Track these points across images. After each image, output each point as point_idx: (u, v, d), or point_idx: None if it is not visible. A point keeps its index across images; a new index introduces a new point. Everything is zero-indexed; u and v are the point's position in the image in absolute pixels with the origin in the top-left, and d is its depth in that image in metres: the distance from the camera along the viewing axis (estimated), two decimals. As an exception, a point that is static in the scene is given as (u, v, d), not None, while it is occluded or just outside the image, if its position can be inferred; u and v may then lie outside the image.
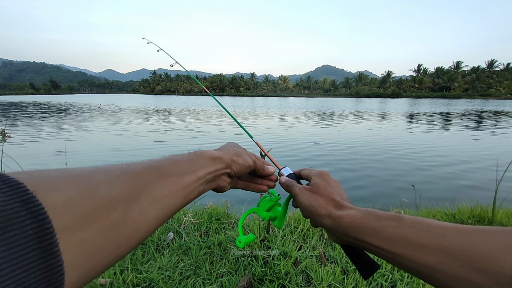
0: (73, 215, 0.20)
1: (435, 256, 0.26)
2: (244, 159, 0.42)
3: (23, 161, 4.74)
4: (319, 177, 0.43)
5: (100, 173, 0.25)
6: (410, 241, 0.28)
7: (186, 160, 0.35)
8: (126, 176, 0.26)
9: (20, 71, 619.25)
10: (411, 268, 0.29)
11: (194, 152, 0.38)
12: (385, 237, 0.30)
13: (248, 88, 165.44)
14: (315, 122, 13.61)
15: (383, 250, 0.30)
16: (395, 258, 0.30)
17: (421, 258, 0.27)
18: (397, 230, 0.30)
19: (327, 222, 0.37)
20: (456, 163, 5.41)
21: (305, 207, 0.40)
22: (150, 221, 0.27)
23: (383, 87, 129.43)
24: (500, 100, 70.80)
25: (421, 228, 0.29)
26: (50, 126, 11.07)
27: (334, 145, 7.23)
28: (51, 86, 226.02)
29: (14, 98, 68.06)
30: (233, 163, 0.40)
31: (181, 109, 24.12)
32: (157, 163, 0.31)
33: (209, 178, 0.36)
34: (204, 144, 7.43)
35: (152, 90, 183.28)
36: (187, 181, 0.33)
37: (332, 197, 0.39)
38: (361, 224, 0.33)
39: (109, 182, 0.24)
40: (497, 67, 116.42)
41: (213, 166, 0.37)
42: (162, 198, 0.29)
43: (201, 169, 0.35)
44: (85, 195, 0.22)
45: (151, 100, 51.40)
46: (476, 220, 2.19)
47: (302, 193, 0.41)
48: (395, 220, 0.31)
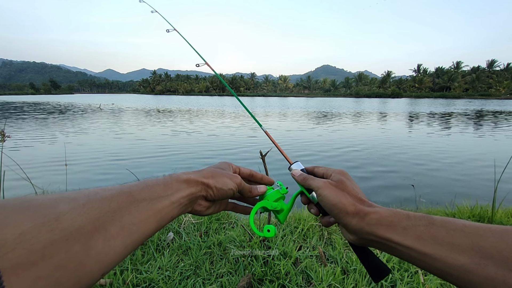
0: (26, 251, 0.19)
1: (470, 257, 0.25)
2: (223, 182, 0.40)
3: (24, 161, 4.75)
4: (342, 175, 0.42)
5: (64, 201, 0.24)
6: (442, 240, 0.27)
7: (161, 184, 0.34)
8: (93, 204, 0.25)
9: (20, 71, 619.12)
10: (441, 270, 0.27)
11: (169, 175, 0.37)
12: (416, 236, 0.29)
13: (248, 88, 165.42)
14: (316, 121, 13.61)
15: (412, 250, 0.29)
16: (424, 259, 0.28)
17: (454, 259, 0.26)
18: (428, 229, 0.29)
19: (354, 220, 0.35)
20: (456, 163, 5.41)
21: (333, 203, 0.37)
22: (117, 251, 0.26)
23: (383, 87, 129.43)
24: (500, 100, 70.80)
25: (454, 227, 0.27)
26: (49, 127, 11.07)
27: (333, 145, 7.23)
28: (51, 86, 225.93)
29: (14, 98, 68.00)
30: (208, 187, 0.39)
31: (184, 109, 24.11)
32: (129, 188, 0.30)
33: (184, 202, 0.35)
34: (207, 144, 7.43)
35: (152, 90, 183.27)
36: (159, 206, 0.32)
37: (359, 196, 0.38)
38: (391, 222, 0.32)
39: (72, 212, 0.23)
40: (497, 67, 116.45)
41: (187, 189, 0.36)
42: (131, 225, 0.28)
43: (175, 193, 0.34)
44: (42, 227, 0.21)
45: (151, 100, 51.38)
46: (476, 220, 2.19)
47: (328, 188, 0.39)
48: (425, 219, 0.30)
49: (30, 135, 8.64)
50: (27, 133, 9.04)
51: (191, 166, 5.13)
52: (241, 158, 5.80)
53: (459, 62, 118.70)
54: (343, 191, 0.38)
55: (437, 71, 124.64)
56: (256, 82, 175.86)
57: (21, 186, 3.49)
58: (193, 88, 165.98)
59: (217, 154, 6.16)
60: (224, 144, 7.44)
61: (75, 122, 12.76)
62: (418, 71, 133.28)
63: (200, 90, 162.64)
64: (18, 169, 2.61)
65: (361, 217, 0.34)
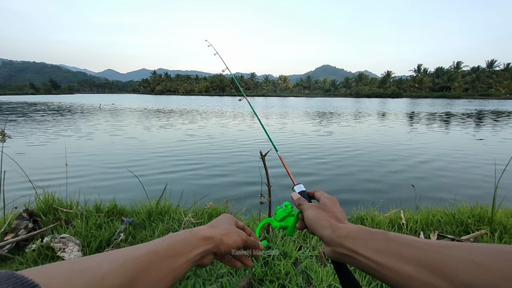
0: None
1: (413, 266, 0.30)
2: (233, 239, 0.46)
3: (24, 160, 4.75)
4: (329, 200, 0.50)
5: (107, 263, 0.29)
6: (394, 252, 0.32)
7: (182, 241, 0.38)
8: (129, 264, 0.30)
9: (20, 71, 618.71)
10: (392, 278, 0.32)
11: (189, 231, 0.41)
12: (374, 248, 0.34)
13: (248, 88, 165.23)
14: (318, 121, 13.61)
15: (370, 260, 0.34)
16: (379, 269, 0.33)
17: (401, 268, 0.31)
18: (385, 243, 0.34)
19: (327, 232, 0.42)
20: (456, 162, 5.42)
21: (311, 218, 0.46)
22: None
23: (383, 87, 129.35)
24: (500, 100, 70.80)
25: (405, 242, 0.32)
26: (49, 127, 11.07)
27: (333, 145, 7.23)
28: (51, 86, 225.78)
29: (14, 98, 67.95)
30: (221, 243, 0.43)
31: (187, 109, 24.10)
32: (155, 247, 0.35)
33: (197, 258, 0.40)
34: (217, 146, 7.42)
35: (152, 90, 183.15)
36: (178, 263, 0.36)
37: (335, 214, 0.45)
38: (357, 235, 0.38)
39: (113, 272, 0.28)
40: (497, 67, 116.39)
41: (203, 246, 0.40)
42: (155, 282, 0.32)
43: (193, 250, 0.39)
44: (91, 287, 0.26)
45: (151, 100, 51.36)
46: (476, 220, 2.19)
47: (311, 208, 0.48)
48: (383, 234, 0.35)
49: (30, 135, 8.64)
50: (27, 133, 9.04)
51: (192, 167, 5.13)
52: (248, 160, 5.80)
53: (459, 62, 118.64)
54: (324, 211, 0.46)
55: (437, 71, 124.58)
56: (256, 82, 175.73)
57: (21, 186, 3.49)
58: (193, 88, 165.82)
59: (219, 155, 6.16)
60: (226, 145, 7.44)
61: (75, 122, 12.75)
62: (418, 71, 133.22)
63: (200, 90, 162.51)
64: (18, 169, 2.61)
65: (333, 230, 0.41)
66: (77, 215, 2.15)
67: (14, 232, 1.86)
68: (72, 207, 2.41)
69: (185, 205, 2.56)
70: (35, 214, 2.11)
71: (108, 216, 2.23)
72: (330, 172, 4.79)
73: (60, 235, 1.78)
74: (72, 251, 1.70)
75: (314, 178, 4.46)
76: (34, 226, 1.99)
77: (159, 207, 2.33)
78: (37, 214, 2.19)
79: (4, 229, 1.91)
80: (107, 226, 2.03)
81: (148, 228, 2.05)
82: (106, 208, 2.38)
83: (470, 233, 2.05)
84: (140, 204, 2.48)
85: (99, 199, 2.50)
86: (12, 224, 1.93)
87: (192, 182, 4.28)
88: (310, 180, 4.38)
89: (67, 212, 2.27)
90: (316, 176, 4.60)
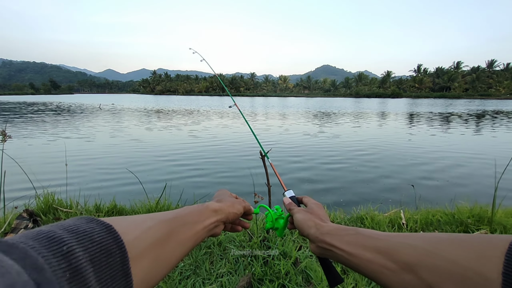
0: (138, 250, 0.30)
1: (372, 253, 0.37)
2: (237, 208, 0.54)
3: (24, 160, 4.75)
4: (315, 205, 0.58)
5: (149, 219, 0.36)
6: (360, 244, 0.39)
7: (197, 211, 0.46)
8: (163, 224, 0.37)
9: (20, 71, 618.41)
10: (359, 265, 0.39)
11: (202, 204, 0.49)
12: (346, 242, 0.42)
13: (248, 88, 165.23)
14: (319, 122, 13.61)
15: (344, 252, 0.41)
16: (351, 258, 0.40)
17: (364, 255, 0.38)
18: (355, 237, 0.41)
19: (312, 231, 0.49)
20: (456, 162, 5.42)
21: (299, 219, 0.54)
22: (177, 257, 0.38)
23: (383, 87, 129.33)
24: (500, 100, 70.79)
25: (369, 235, 0.40)
26: (49, 127, 11.07)
27: (332, 145, 7.23)
28: (50, 86, 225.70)
29: (14, 98, 67.93)
30: (229, 213, 0.51)
31: (187, 109, 24.10)
32: (178, 214, 0.42)
33: (211, 227, 0.47)
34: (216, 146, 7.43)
35: (152, 90, 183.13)
36: (197, 228, 0.43)
37: (320, 217, 0.53)
38: (334, 232, 0.45)
39: (154, 227, 0.35)
40: (497, 67, 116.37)
41: (215, 217, 0.48)
42: (183, 240, 0.39)
43: (207, 219, 0.46)
44: (142, 235, 0.32)
45: (151, 101, 51.37)
46: (476, 220, 2.19)
47: (299, 212, 0.56)
48: (354, 230, 0.43)
49: (30, 135, 8.64)
50: (27, 133, 9.04)
51: (192, 167, 5.13)
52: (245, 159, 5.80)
53: (459, 62, 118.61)
54: (311, 214, 0.54)
55: (437, 71, 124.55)
56: (256, 82, 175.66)
57: (21, 186, 3.49)
58: (193, 88, 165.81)
59: (219, 155, 6.17)
60: (226, 145, 7.45)
61: (74, 122, 12.76)
62: (418, 71, 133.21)
63: (200, 90, 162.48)
64: (18, 168, 2.61)
65: (317, 229, 0.48)
66: (77, 215, 2.15)
67: (14, 232, 1.86)
68: (72, 207, 2.41)
69: (185, 205, 2.56)
70: (35, 214, 2.11)
71: (107, 216, 2.22)
72: (331, 172, 4.79)
73: (60, 235, 1.78)
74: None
75: (315, 178, 4.47)
76: (34, 226, 1.99)
77: (158, 206, 2.33)
78: (37, 214, 2.19)
79: (4, 229, 1.91)
80: (107, 226, 2.03)
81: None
82: (106, 208, 2.38)
83: (469, 233, 2.05)
84: (140, 203, 2.48)
85: (99, 199, 2.50)
86: (12, 224, 1.93)
87: (192, 182, 4.28)
88: (311, 180, 4.38)
89: (67, 212, 2.27)
90: (316, 175, 4.60)
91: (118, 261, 0.26)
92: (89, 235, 0.25)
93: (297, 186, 4.11)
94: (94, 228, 0.27)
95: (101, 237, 0.26)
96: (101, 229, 0.27)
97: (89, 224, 0.27)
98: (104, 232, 0.27)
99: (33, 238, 0.22)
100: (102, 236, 0.26)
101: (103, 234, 0.27)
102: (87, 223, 0.27)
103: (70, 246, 0.23)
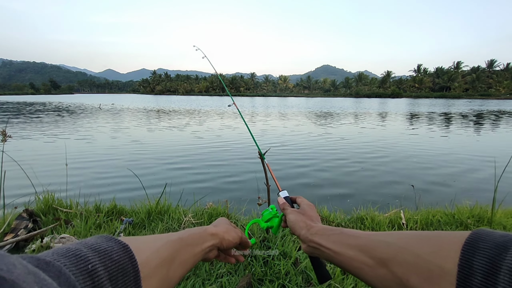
0: (148, 269, 0.33)
1: (353, 250, 0.40)
2: (233, 236, 0.56)
3: (24, 160, 4.74)
4: (307, 206, 0.60)
5: (158, 240, 0.40)
6: (344, 242, 0.42)
7: (197, 234, 0.48)
8: (170, 244, 0.40)
9: (20, 71, 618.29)
10: (343, 262, 0.41)
11: (201, 227, 0.52)
12: (332, 241, 0.44)
13: (248, 88, 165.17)
14: (320, 122, 13.60)
15: (330, 250, 0.44)
16: (335, 255, 0.43)
17: (347, 253, 0.40)
18: (339, 236, 0.44)
19: (303, 231, 0.52)
20: (456, 162, 5.41)
21: (292, 221, 0.57)
22: (178, 278, 0.41)
23: (383, 87, 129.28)
24: (500, 100, 70.76)
25: (351, 234, 0.43)
26: (49, 127, 11.07)
27: (328, 143, 7.23)
28: (51, 86, 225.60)
29: (14, 98, 67.91)
30: (223, 239, 0.53)
31: (187, 109, 24.08)
32: (182, 235, 0.45)
33: (207, 250, 0.49)
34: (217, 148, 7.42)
35: (152, 90, 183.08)
36: (196, 250, 0.46)
37: (311, 218, 0.56)
38: (322, 232, 0.48)
39: (162, 247, 0.38)
40: (497, 67, 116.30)
41: (212, 240, 0.50)
42: (183, 262, 0.42)
43: (205, 242, 0.48)
44: (152, 256, 0.35)
45: (151, 101, 51.35)
46: (476, 220, 2.19)
47: (292, 213, 0.59)
48: (339, 230, 0.46)
49: (30, 135, 8.64)
50: (27, 133, 9.04)
51: (192, 167, 5.13)
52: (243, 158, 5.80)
53: (459, 62, 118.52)
54: (303, 215, 0.57)
55: (437, 71, 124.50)
56: (256, 82, 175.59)
57: (21, 186, 3.49)
58: (193, 88, 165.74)
59: (219, 155, 6.16)
60: (226, 145, 7.44)
61: (74, 122, 12.75)
62: (418, 71, 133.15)
63: (200, 90, 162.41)
64: (18, 168, 2.61)
65: (308, 229, 0.51)
66: (77, 215, 2.15)
67: (14, 232, 1.85)
68: (72, 207, 2.41)
69: (185, 205, 2.56)
70: (35, 214, 2.11)
71: (107, 216, 2.22)
72: (331, 172, 4.79)
73: (60, 235, 1.78)
74: (72, 251, 1.70)
75: (315, 178, 4.47)
76: (34, 226, 1.98)
77: (158, 206, 2.33)
78: (37, 214, 2.18)
79: (4, 229, 1.91)
80: (106, 225, 2.03)
81: (148, 228, 2.05)
82: (106, 208, 2.38)
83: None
84: (140, 203, 2.47)
85: (99, 199, 2.50)
86: (12, 224, 1.93)
87: (192, 182, 4.28)
88: (310, 180, 4.38)
89: (67, 212, 2.27)
90: (316, 176, 4.60)
91: (132, 279, 0.29)
92: (109, 254, 0.28)
93: (298, 185, 4.11)
94: (113, 247, 0.30)
95: (119, 256, 0.29)
96: (119, 248, 0.30)
97: (109, 243, 0.30)
98: (121, 251, 0.30)
99: (63, 255, 0.25)
100: (120, 255, 0.30)
101: (121, 253, 0.30)
102: (107, 241, 0.31)
103: (94, 265, 0.26)
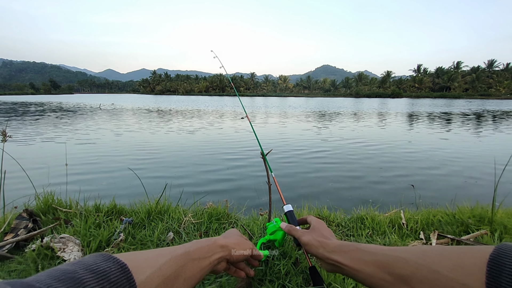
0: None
1: (371, 267, 0.41)
2: (243, 248, 0.57)
3: (24, 160, 4.73)
4: (317, 223, 0.63)
5: (160, 257, 0.39)
6: (361, 259, 0.43)
7: (206, 247, 0.47)
8: (173, 260, 0.40)
9: (20, 71, 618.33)
10: (362, 278, 0.42)
11: (210, 239, 0.51)
12: (350, 258, 0.45)
13: (248, 88, 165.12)
14: (321, 122, 13.60)
15: (348, 267, 0.44)
16: (354, 272, 0.43)
17: (365, 270, 0.41)
18: (356, 253, 0.45)
19: (319, 250, 0.53)
20: (456, 162, 5.41)
21: (306, 243, 0.57)
22: None
23: (383, 87, 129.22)
24: (500, 100, 70.75)
25: (368, 251, 0.43)
26: (49, 127, 11.07)
27: (331, 144, 7.23)
28: (51, 86, 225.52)
29: (14, 98, 67.88)
30: (233, 252, 0.54)
31: (187, 110, 24.06)
32: (188, 249, 0.44)
33: (215, 262, 0.49)
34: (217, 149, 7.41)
35: (152, 90, 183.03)
36: (203, 264, 0.45)
37: (325, 235, 0.58)
38: (339, 249, 0.48)
39: (166, 264, 0.38)
40: (497, 67, 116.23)
41: (221, 253, 0.50)
42: (189, 278, 0.41)
43: (213, 255, 0.48)
44: (153, 274, 0.35)
45: (151, 101, 51.35)
46: (477, 220, 2.18)
47: (304, 235, 0.60)
48: (355, 246, 0.47)
49: (30, 134, 8.64)
50: (27, 132, 9.04)
51: (193, 167, 5.13)
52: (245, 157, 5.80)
53: (459, 62, 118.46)
54: (312, 233, 0.59)
55: (437, 71, 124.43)
56: (256, 82, 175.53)
57: (21, 186, 3.49)
58: (193, 88, 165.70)
59: (219, 155, 6.16)
60: (226, 145, 7.44)
61: (75, 122, 12.75)
62: (418, 71, 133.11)
63: (200, 90, 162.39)
64: (18, 168, 2.60)
65: (324, 248, 0.52)
66: (76, 215, 2.15)
67: (14, 232, 1.85)
68: (72, 206, 2.41)
69: (185, 205, 2.56)
70: (34, 214, 2.11)
71: (107, 216, 2.22)
72: (331, 173, 4.79)
73: (60, 235, 1.77)
74: (72, 251, 1.69)
75: (315, 179, 4.46)
76: (34, 226, 1.98)
77: (158, 206, 2.33)
78: (37, 214, 2.18)
79: (4, 229, 1.91)
80: (106, 225, 2.03)
81: (148, 228, 2.05)
82: (106, 208, 2.38)
83: (470, 233, 2.05)
84: (140, 203, 2.47)
85: (99, 198, 2.50)
86: (12, 224, 1.93)
87: (192, 181, 4.28)
88: (311, 178, 4.37)
89: (67, 211, 2.27)
90: (317, 175, 4.60)
91: None
92: (107, 276, 0.29)
93: (301, 185, 4.11)
94: (111, 267, 0.30)
95: (116, 277, 0.29)
96: (117, 269, 0.31)
97: (107, 263, 0.31)
98: (119, 272, 0.30)
99: (57, 279, 0.24)
100: (117, 276, 0.30)
101: (118, 274, 0.30)
102: (105, 261, 0.31)
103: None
